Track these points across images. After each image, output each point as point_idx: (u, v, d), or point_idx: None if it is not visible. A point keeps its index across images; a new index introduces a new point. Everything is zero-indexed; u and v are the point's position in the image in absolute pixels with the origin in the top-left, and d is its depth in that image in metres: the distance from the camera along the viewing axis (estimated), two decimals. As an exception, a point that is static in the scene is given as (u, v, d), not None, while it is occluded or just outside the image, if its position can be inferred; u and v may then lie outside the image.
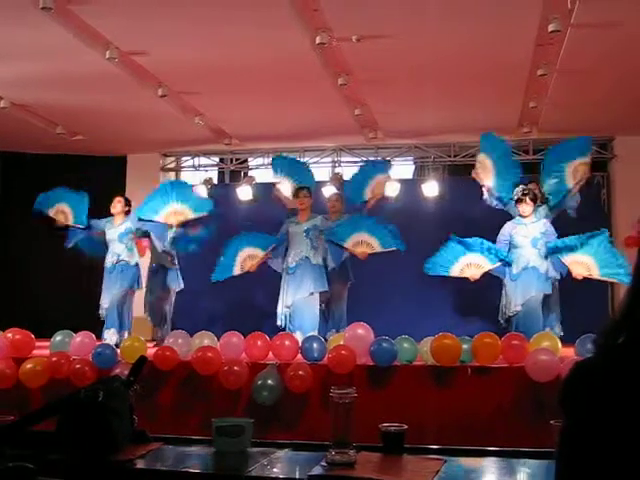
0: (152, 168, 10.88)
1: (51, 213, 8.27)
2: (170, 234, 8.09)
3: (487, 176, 7.90)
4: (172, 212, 7.88)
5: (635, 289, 1.15)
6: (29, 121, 9.06)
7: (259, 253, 7.83)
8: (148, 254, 8.34)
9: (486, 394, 5.70)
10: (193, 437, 2.64)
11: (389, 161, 8.94)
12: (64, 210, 8.25)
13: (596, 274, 7.11)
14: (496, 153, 7.97)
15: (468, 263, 7.43)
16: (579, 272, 7.14)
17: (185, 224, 8.05)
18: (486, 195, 7.90)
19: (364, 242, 7.63)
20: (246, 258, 7.89)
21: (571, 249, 7.18)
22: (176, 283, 8.32)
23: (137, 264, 7.97)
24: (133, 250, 7.93)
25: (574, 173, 7.79)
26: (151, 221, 7.97)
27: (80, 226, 8.07)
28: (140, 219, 7.98)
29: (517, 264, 7.35)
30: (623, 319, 1.13)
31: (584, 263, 7.13)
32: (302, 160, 10.11)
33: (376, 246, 7.63)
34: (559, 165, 7.87)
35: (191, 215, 7.97)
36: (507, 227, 7.54)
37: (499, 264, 7.38)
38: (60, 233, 8.17)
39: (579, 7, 5.73)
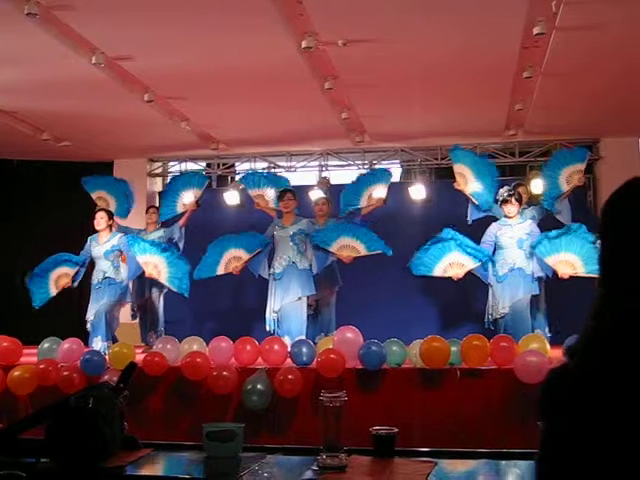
0: (139, 173, 10.85)
1: (94, 196, 8.66)
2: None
3: (467, 183, 7.97)
4: (152, 264, 7.73)
5: (599, 297, 1.16)
6: (15, 127, 9.02)
7: (244, 255, 7.83)
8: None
9: (475, 396, 5.71)
10: (184, 443, 2.64)
11: (388, 171, 8.91)
12: (105, 197, 8.60)
13: (582, 272, 7.14)
14: (470, 159, 8.09)
15: (450, 262, 7.45)
16: (565, 271, 7.15)
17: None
18: (470, 211, 7.99)
19: (349, 246, 7.64)
20: (231, 259, 7.87)
21: (551, 240, 7.21)
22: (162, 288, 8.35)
23: (123, 281, 7.86)
24: (119, 268, 7.84)
25: (568, 179, 7.90)
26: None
27: (79, 264, 7.93)
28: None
29: (503, 265, 7.35)
30: (589, 324, 1.14)
31: (569, 262, 7.15)
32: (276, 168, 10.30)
33: (361, 250, 7.64)
34: (555, 170, 7.99)
35: (164, 280, 7.80)
36: (492, 228, 7.56)
37: (480, 264, 7.39)
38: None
39: (563, 10, 5.77)
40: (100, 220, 7.84)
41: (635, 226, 1.13)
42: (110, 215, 7.98)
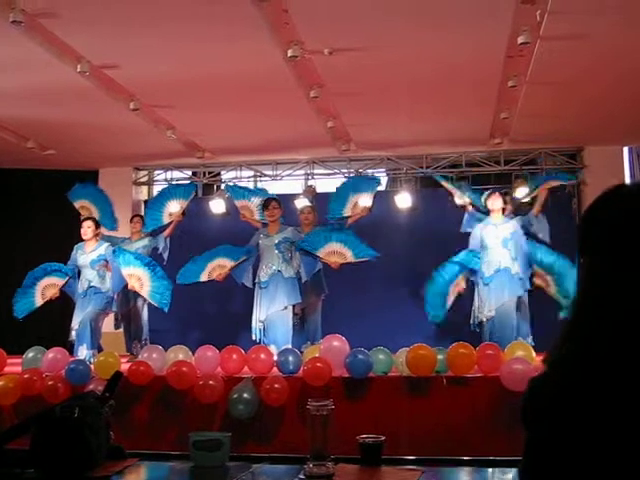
0: (124, 182, 10.83)
1: (77, 205, 8.53)
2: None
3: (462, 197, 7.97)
4: (136, 277, 7.65)
5: (579, 304, 1.16)
6: (-1, 136, 9.00)
7: (228, 263, 7.82)
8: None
9: (462, 404, 5.72)
10: (170, 452, 2.62)
11: (376, 178, 8.89)
12: (88, 206, 8.46)
13: (553, 290, 7.28)
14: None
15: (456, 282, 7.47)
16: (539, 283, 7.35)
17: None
18: (464, 221, 7.89)
19: (337, 252, 7.63)
20: (215, 267, 7.86)
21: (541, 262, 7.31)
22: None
23: (108, 291, 7.84)
24: (105, 277, 7.81)
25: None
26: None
27: (69, 275, 7.87)
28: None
29: (489, 266, 7.35)
30: (570, 335, 1.14)
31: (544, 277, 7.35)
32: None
33: (349, 256, 7.63)
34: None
35: (146, 293, 7.72)
36: (476, 229, 7.52)
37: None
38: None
39: (548, 19, 5.81)
40: (87, 230, 7.79)
41: (616, 237, 1.13)
42: (97, 224, 7.93)
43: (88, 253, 7.76)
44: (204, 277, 7.88)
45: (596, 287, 1.14)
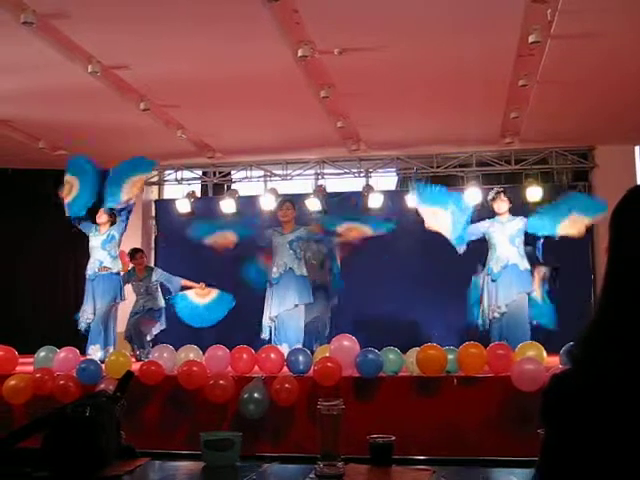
0: (135, 182, 10.84)
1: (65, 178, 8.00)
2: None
3: (443, 226, 7.38)
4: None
5: (605, 303, 1.14)
6: (10, 136, 9.02)
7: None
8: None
9: (472, 404, 5.71)
10: (181, 452, 2.63)
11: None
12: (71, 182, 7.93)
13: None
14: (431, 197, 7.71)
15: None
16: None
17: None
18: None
19: (355, 229, 7.57)
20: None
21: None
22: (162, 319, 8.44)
23: (119, 272, 7.90)
24: (116, 258, 7.86)
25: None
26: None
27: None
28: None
29: (497, 263, 7.33)
30: (596, 331, 1.13)
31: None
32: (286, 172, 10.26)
33: (367, 231, 7.56)
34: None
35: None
36: (484, 222, 7.47)
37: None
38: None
39: (559, 18, 5.79)
40: (103, 215, 7.96)
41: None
42: (112, 212, 7.95)
43: (101, 235, 7.87)
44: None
45: (626, 280, 1.12)
